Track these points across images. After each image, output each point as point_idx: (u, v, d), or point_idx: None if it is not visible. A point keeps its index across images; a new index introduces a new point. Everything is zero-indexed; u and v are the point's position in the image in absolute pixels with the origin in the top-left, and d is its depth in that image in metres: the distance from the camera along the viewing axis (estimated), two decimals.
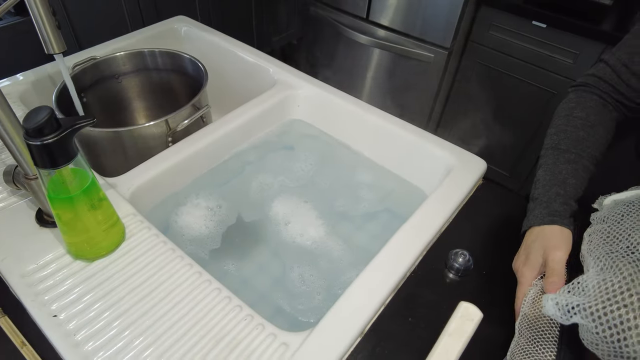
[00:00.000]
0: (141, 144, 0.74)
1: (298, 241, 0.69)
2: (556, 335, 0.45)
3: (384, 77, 1.80)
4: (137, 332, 0.46)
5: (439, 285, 0.56)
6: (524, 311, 0.49)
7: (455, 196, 0.65)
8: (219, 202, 0.73)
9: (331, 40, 1.87)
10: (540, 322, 0.47)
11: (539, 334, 0.46)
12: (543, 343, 0.45)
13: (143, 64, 0.89)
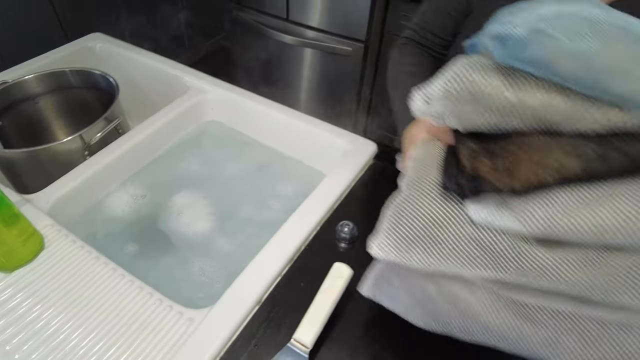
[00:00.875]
0: (59, 161, 0.78)
1: (184, 231, 0.77)
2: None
3: (313, 74, 1.89)
4: (60, 324, 0.52)
5: (329, 254, 0.64)
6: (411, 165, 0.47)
7: (347, 175, 0.75)
8: (137, 201, 0.80)
9: (258, 42, 1.93)
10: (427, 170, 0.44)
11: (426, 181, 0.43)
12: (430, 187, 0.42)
13: (57, 84, 0.92)
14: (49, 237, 0.63)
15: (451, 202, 0.40)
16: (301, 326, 0.51)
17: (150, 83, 1.05)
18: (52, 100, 0.95)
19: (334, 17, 1.65)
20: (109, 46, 1.10)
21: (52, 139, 0.98)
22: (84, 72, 0.91)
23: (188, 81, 0.97)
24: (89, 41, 1.10)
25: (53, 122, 0.97)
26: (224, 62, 2.70)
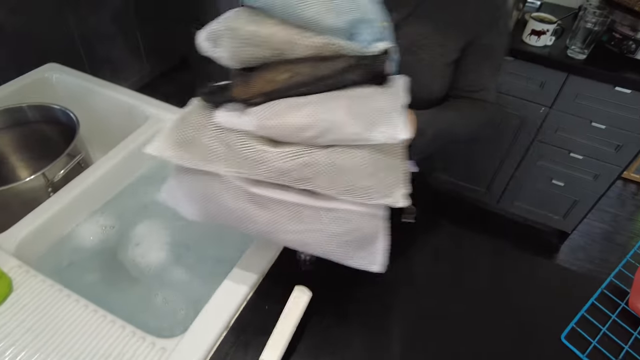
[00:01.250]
0: (23, 199, 0.79)
1: (140, 260, 0.80)
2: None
3: None
4: None
5: (291, 277, 0.69)
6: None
7: None
8: (106, 232, 0.82)
9: None
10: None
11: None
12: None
13: (13, 120, 0.93)
14: (17, 278, 0.65)
15: (211, 114, 0.52)
16: (267, 347, 0.56)
17: (110, 113, 1.06)
18: (8, 136, 0.95)
19: None
20: (66, 77, 1.10)
21: (10, 175, 0.98)
22: (42, 107, 0.92)
23: (147, 110, 0.99)
24: (44, 72, 1.10)
25: (10, 158, 0.97)
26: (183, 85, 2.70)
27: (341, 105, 0.49)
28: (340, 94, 0.50)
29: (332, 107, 0.49)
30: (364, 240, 0.54)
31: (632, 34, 1.41)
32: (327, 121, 0.48)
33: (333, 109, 0.48)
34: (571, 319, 0.67)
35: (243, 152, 0.50)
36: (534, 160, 1.73)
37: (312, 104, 0.49)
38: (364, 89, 0.51)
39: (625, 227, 2.09)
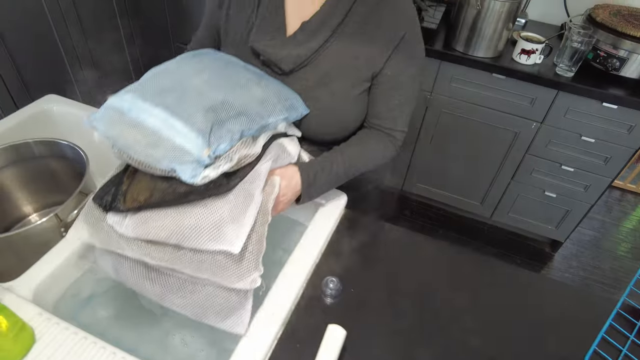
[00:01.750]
0: (34, 241, 0.77)
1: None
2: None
3: None
4: None
5: (318, 311, 0.70)
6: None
7: (325, 229, 0.80)
8: None
9: None
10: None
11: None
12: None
13: (18, 157, 0.91)
14: (38, 327, 0.63)
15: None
16: None
17: None
18: (13, 172, 0.92)
19: None
20: (66, 108, 1.08)
21: (14, 212, 0.95)
22: (49, 142, 0.90)
23: None
24: (44, 104, 1.08)
25: (16, 194, 0.95)
26: None
27: (188, 222, 0.58)
28: (193, 209, 0.59)
29: (184, 223, 0.58)
30: (231, 310, 0.62)
31: (616, 52, 1.48)
32: (179, 234, 0.58)
33: (183, 224, 0.58)
34: (588, 341, 0.69)
35: (130, 244, 0.62)
36: (526, 173, 1.78)
37: (169, 217, 0.59)
38: (214, 201, 0.60)
39: (613, 233, 2.16)
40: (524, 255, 2.00)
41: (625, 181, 2.39)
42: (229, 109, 0.61)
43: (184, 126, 0.56)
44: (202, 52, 0.77)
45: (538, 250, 2.03)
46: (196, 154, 0.55)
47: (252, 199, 0.61)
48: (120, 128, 0.58)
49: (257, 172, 0.64)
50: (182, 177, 0.54)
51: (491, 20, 1.49)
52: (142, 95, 0.60)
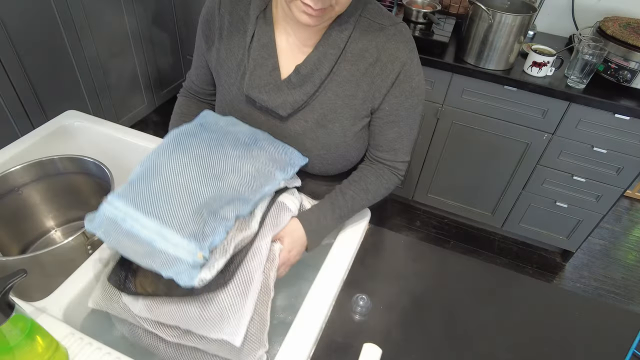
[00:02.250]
0: (61, 259, 0.77)
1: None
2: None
3: None
4: None
5: (348, 328, 0.70)
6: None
7: (351, 244, 0.81)
8: None
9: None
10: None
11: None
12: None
13: (43, 172, 0.91)
14: (71, 347, 0.63)
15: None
16: None
17: (133, 160, 1.05)
18: (37, 188, 0.93)
19: None
20: (86, 123, 1.09)
21: (37, 227, 0.96)
22: (74, 159, 0.91)
23: None
24: (64, 120, 1.09)
25: (39, 209, 0.95)
26: None
27: (193, 313, 0.61)
28: (197, 300, 0.62)
29: (189, 313, 0.61)
30: None
31: (627, 64, 1.49)
32: (186, 323, 0.61)
33: (189, 314, 0.61)
34: (617, 356, 0.69)
35: (144, 320, 0.66)
36: (537, 183, 1.78)
37: (176, 306, 0.63)
38: (216, 291, 0.62)
39: (622, 242, 2.16)
40: (535, 266, 1.99)
41: (634, 190, 2.40)
42: (220, 200, 0.63)
43: (176, 234, 0.58)
44: (191, 132, 0.74)
45: (549, 260, 2.03)
46: (190, 260, 0.57)
47: (252, 284, 0.63)
48: (117, 238, 0.60)
49: (257, 249, 0.65)
50: (179, 283, 0.56)
51: (503, 33, 1.50)
52: (134, 203, 0.61)
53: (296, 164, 0.76)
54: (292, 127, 0.77)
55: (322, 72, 0.72)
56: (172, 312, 0.62)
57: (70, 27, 1.90)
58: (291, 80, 0.73)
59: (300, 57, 0.74)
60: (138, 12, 2.22)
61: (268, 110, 0.77)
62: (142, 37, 2.30)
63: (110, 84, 2.21)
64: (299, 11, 0.65)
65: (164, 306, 0.63)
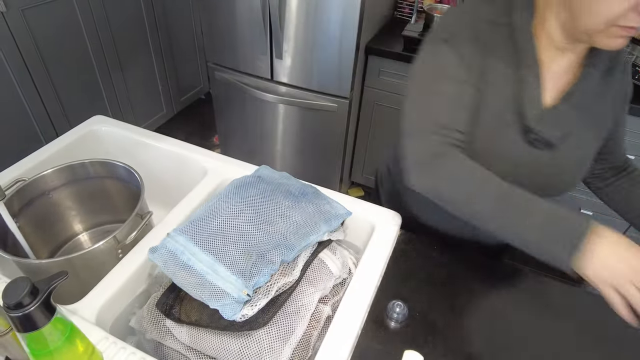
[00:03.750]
0: (92, 263, 0.77)
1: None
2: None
3: (295, 131, 1.95)
4: None
5: (384, 335, 0.68)
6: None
7: (384, 250, 0.79)
8: None
9: (241, 100, 1.98)
10: None
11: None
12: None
13: (73, 176, 0.91)
14: (106, 352, 0.62)
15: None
16: None
17: (163, 166, 1.05)
18: (67, 192, 0.93)
19: (315, 76, 1.73)
20: (113, 129, 1.10)
21: (67, 230, 0.96)
22: (104, 163, 0.91)
23: (204, 162, 0.99)
24: (91, 125, 1.10)
25: (67, 213, 0.95)
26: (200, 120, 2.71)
27: (233, 348, 0.64)
28: (239, 335, 0.66)
29: (229, 347, 0.65)
30: None
31: None
32: (224, 356, 0.65)
33: (229, 348, 0.65)
34: None
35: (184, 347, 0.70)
36: None
37: (218, 339, 0.66)
38: (258, 330, 0.66)
39: None
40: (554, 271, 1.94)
41: None
42: (268, 244, 0.68)
43: (226, 270, 0.65)
44: (249, 182, 0.80)
45: None
46: (236, 296, 0.62)
47: (293, 334, 0.66)
48: (174, 269, 0.67)
49: (303, 304, 0.70)
50: (223, 315, 0.62)
51: None
52: (193, 238, 0.69)
53: (340, 216, 0.79)
54: (549, 153, 0.73)
55: (584, 97, 0.71)
56: (213, 343, 0.66)
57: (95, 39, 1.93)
58: (559, 109, 0.71)
59: (564, 79, 0.71)
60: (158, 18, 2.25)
61: (540, 141, 0.71)
62: (163, 46, 2.33)
63: (129, 91, 2.24)
64: (614, 37, 0.60)
65: (206, 336, 0.67)
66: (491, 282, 0.79)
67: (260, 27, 1.68)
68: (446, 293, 0.75)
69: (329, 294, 0.75)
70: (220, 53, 1.88)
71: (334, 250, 0.79)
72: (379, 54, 1.70)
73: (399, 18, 1.99)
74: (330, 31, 1.58)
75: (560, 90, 0.71)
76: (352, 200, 0.89)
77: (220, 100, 2.06)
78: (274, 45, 1.70)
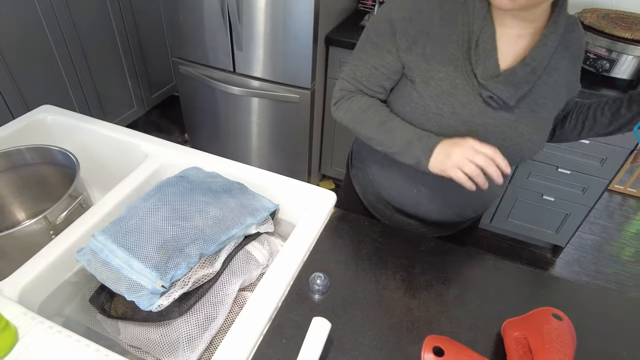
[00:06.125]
0: (23, 244, 0.77)
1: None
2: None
3: (262, 122, 1.96)
4: None
5: (305, 307, 0.69)
6: None
7: (314, 227, 0.80)
8: None
9: (206, 94, 1.98)
10: None
11: None
12: None
13: (10, 163, 0.92)
14: (22, 326, 0.63)
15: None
16: None
17: (107, 152, 1.06)
18: (5, 179, 0.93)
19: (278, 68, 1.75)
20: (60, 118, 1.10)
21: (8, 218, 0.96)
22: (40, 149, 0.91)
23: (145, 148, 0.99)
24: (38, 114, 1.10)
25: (8, 201, 0.95)
26: (172, 117, 2.71)
27: (154, 338, 0.70)
28: (159, 325, 0.71)
29: (150, 337, 0.70)
30: None
31: (606, 54, 1.49)
32: (147, 346, 0.70)
33: (150, 339, 0.70)
34: None
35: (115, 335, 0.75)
36: (523, 177, 1.77)
37: (142, 330, 0.71)
38: (177, 320, 0.71)
39: (615, 238, 2.14)
40: (525, 262, 1.97)
41: (626, 185, 2.38)
42: (185, 238, 0.72)
43: (140, 264, 0.67)
44: (171, 182, 0.83)
45: (539, 256, 2.01)
46: (150, 287, 0.65)
47: (213, 321, 0.70)
48: (95, 266, 0.70)
49: (226, 295, 0.73)
50: (140, 306, 0.65)
51: None
52: (111, 237, 0.72)
53: (267, 209, 0.83)
54: (506, 115, 0.77)
55: (543, 63, 0.73)
56: (139, 336, 0.71)
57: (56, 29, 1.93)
58: (516, 72, 0.73)
59: (520, 45, 0.75)
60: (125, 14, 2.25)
61: (494, 99, 0.75)
62: (130, 38, 2.33)
63: (97, 88, 2.23)
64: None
65: (132, 329, 0.72)
66: (419, 257, 0.80)
67: (219, 20, 1.69)
68: (372, 267, 0.77)
69: (256, 281, 0.77)
70: (184, 47, 1.89)
71: (262, 242, 0.83)
72: (339, 44, 1.71)
73: (363, 10, 2.01)
74: (288, 22, 1.59)
75: (518, 54, 0.75)
76: (292, 183, 0.91)
77: (186, 94, 2.07)
78: (234, 37, 1.71)
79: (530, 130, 0.78)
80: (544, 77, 0.76)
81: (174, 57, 1.95)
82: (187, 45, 1.87)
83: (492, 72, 0.73)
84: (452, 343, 0.61)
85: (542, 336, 0.62)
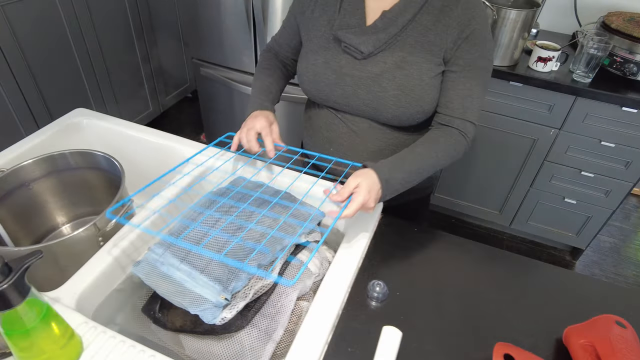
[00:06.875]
0: (72, 251, 0.77)
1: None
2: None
3: (282, 125, 1.95)
4: None
5: (366, 314, 0.68)
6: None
7: (364, 233, 0.80)
8: None
9: (226, 95, 1.97)
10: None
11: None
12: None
13: (54, 167, 0.91)
14: (85, 336, 0.62)
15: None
16: None
17: (144, 156, 1.05)
18: (47, 183, 0.93)
19: None
20: (95, 121, 1.09)
21: (48, 222, 0.95)
22: (84, 153, 0.91)
23: (184, 152, 0.99)
24: (73, 117, 1.09)
25: (48, 205, 0.95)
26: (187, 118, 2.70)
27: (217, 350, 0.68)
28: (222, 338, 0.69)
29: (213, 350, 0.69)
30: None
31: (632, 57, 1.49)
32: (209, 358, 0.69)
33: (212, 351, 0.69)
34: None
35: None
36: (545, 180, 1.77)
37: (203, 342, 0.70)
38: (239, 332, 0.69)
39: (633, 240, 2.14)
40: None
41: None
42: (243, 249, 0.72)
43: (203, 277, 0.68)
44: (221, 192, 0.87)
45: (558, 258, 2.01)
46: (214, 301, 0.65)
47: (273, 333, 0.69)
48: (154, 279, 0.70)
49: (282, 305, 0.71)
50: (203, 320, 0.64)
51: (507, 29, 1.50)
52: (172, 250, 0.73)
53: (314, 218, 0.82)
54: (371, 68, 0.84)
55: (405, 17, 0.80)
56: (199, 347, 0.70)
57: (77, 33, 1.92)
58: (376, 25, 0.82)
59: (386, 5, 0.82)
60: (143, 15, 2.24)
61: (352, 49, 0.84)
62: (147, 40, 2.32)
63: (114, 89, 2.22)
64: None
65: (191, 341, 0.71)
66: (472, 262, 0.80)
67: (243, 21, 1.69)
68: (424, 273, 0.76)
69: (310, 291, 0.77)
70: (204, 49, 1.88)
71: (312, 250, 0.81)
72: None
73: None
74: None
75: (379, 13, 0.82)
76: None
77: (206, 96, 2.06)
78: (258, 39, 1.71)
79: (394, 87, 0.82)
80: (410, 32, 0.81)
81: (193, 58, 1.94)
82: (208, 47, 1.86)
83: (352, 23, 0.84)
84: (520, 351, 0.61)
85: (610, 343, 0.61)
